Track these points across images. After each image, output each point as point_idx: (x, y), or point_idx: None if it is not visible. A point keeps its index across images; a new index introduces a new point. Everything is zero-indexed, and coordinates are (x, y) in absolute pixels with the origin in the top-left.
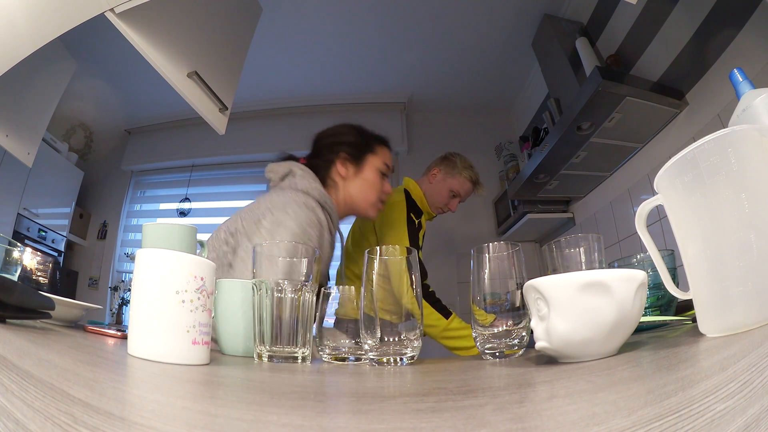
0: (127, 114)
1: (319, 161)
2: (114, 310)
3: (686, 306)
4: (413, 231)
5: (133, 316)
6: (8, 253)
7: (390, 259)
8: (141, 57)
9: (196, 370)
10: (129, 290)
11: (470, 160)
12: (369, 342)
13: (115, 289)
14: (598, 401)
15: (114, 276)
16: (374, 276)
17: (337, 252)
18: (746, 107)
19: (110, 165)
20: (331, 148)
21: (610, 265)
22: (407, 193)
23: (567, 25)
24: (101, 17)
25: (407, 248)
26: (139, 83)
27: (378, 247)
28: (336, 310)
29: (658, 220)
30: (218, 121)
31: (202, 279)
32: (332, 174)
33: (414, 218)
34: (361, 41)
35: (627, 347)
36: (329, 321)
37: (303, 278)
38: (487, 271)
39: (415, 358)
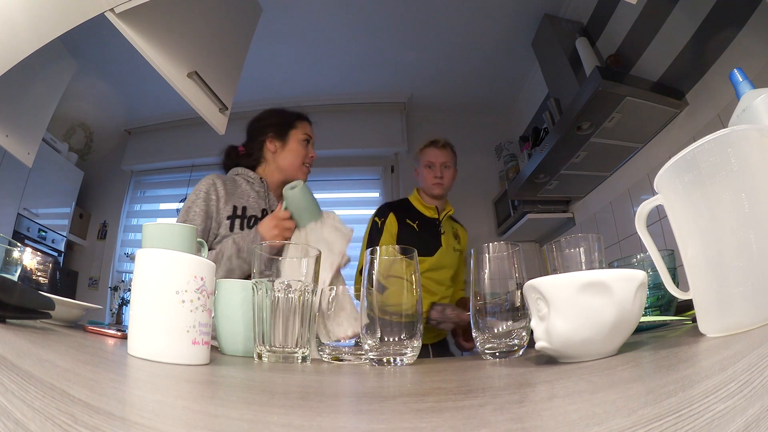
0: (127, 114)
1: (254, 144)
2: (114, 310)
3: (686, 306)
4: (374, 231)
5: (133, 316)
6: (8, 253)
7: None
8: (141, 57)
9: (196, 370)
10: (129, 290)
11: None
12: (369, 342)
13: (115, 289)
14: (598, 401)
15: (114, 276)
16: (374, 277)
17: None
18: (746, 107)
19: (110, 165)
20: (261, 131)
21: (610, 265)
22: (400, 202)
23: (567, 25)
24: (101, 17)
25: (406, 248)
26: (139, 83)
27: (378, 247)
28: None
29: (658, 220)
30: (218, 121)
31: (202, 279)
32: (264, 152)
33: (377, 220)
34: (361, 41)
35: (627, 347)
36: None
37: (304, 278)
38: (487, 271)
39: (414, 358)
